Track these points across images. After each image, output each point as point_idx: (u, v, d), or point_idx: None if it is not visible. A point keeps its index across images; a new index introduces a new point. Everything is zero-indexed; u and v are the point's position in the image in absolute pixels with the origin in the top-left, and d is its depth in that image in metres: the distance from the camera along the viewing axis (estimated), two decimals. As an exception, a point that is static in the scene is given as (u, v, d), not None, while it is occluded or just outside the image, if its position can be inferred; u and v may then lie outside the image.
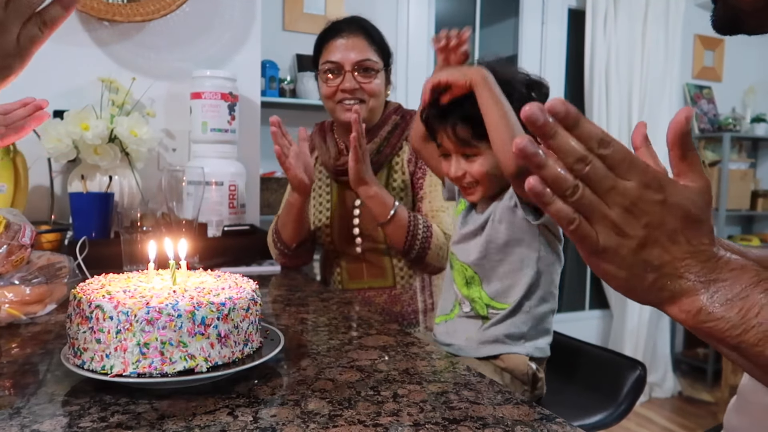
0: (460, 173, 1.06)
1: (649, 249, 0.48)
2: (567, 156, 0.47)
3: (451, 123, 1.03)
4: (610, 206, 0.47)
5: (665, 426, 2.96)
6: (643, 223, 0.47)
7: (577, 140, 0.46)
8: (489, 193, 1.08)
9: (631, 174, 0.47)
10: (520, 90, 1.02)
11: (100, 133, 1.52)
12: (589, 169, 0.47)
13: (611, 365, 1.24)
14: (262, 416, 0.62)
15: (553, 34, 3.25)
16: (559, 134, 0.46)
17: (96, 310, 0.66)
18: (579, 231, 0.48)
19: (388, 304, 1.43)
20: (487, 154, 1.03)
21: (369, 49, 1.42)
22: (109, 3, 1.67)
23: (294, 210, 1.40)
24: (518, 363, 1.06)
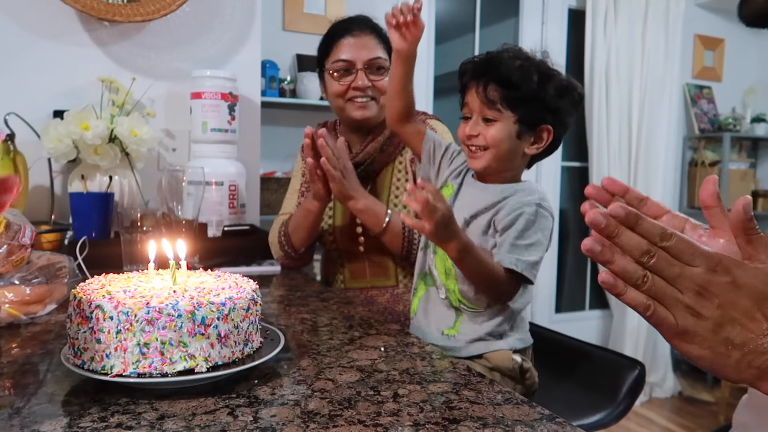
0: (475, 132, 1.06)
1: (728, 328, 0.50)
2: (632, 251, 0.51)
3: (485, 81, 1.04)
4: (682, 291, 0.50)
5: (665, 426, 2.96)
6: (716, 304, 0.50)
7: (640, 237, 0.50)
8: (494, 164, 1.07)
9: (696, 260, 0.50)
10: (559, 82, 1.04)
11: (100, 133, 1.52)
12: (655, 261, 0.50)
13: (610, 365, 1.24)
14: (262, 416, 0.62)
15: (553, 34, 3.25)
16: (622, 232, 0.50)
17: (96, 310, 0.66)
18: (656, 316, 0.51)
19: (391, 304, 1.44)
20: (507, 122, 1.04)
21: (379, 47, 1.42)
22: (109, 3, 1.67)
23: (312, 216, 1.40)
24: (503, 359, 1.06)
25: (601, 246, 0.51)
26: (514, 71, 1.01)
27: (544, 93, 1.02)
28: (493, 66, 1.04)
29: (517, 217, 1.03)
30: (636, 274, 0.51)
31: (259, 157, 1.98)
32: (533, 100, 1.02)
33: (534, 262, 1.01)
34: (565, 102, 1.05)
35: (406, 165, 1.46)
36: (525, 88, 1.01)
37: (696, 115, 3.57)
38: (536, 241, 1.02)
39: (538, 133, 1.06)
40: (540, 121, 1.04)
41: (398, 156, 1.47)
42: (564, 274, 3.46)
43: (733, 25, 3.70)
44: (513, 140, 1.05)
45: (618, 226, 0.50)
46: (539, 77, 1.02)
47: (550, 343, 1.17)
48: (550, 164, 3.33)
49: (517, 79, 1.01)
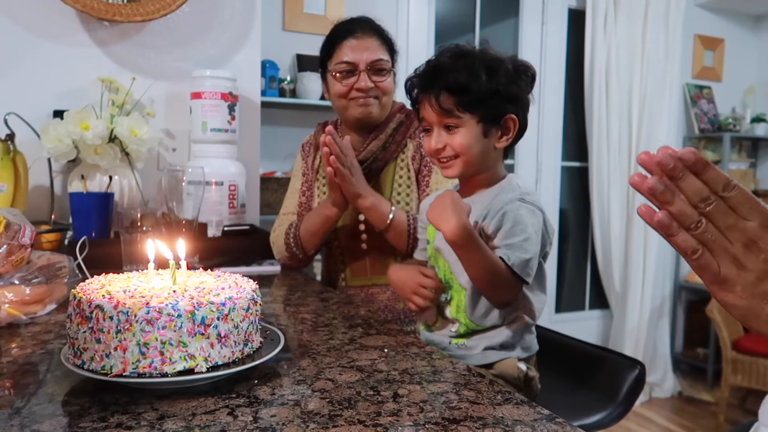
0: (441, 145, 1.04)
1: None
2: (693, 195, 0.52)
3: (435, 92, 1.01)
4: (731, 241, 0.52)
5: (665, 426, 2.96)
6: (762, 259, 0.52)
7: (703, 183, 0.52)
8: (469, 169, 1.05)
9: (753, 215, 0.52)
10: (507, 68, 1.01)
11: (100, 133, 1.52)
12: (713, 208, 0.52)
13: (610, 365, 1.24)
14: (262, 416, 0.62)
15: (553, 34, 3.25)
16: (687, 176, 0.52)
17: (96, 310, 0.66)
18: (702, 260, 0.53)
19: (391, 301, 1.44)
20: (469, 125, 1.02)
21: (381, 48, 1.43)
22: (109, 3, 1.67)
23: (330, 223, 1.41)
24: (508, 367, 1.05)
25: (664, 185, 0.52)
26: (460, 74, 0.99)
27: (497, 84, 0.99)
28: (439, 74, 1.01)
29: (502, 217, 1.00)
30: (692, 217, 0.52)
31: (259, 157, 1.98)
32: (488, 96, 0.99)
33: (527, 259, 0.98)
34: (519, 85, 1.02)
35: (408, 162, 1.47)
36: (476, 88, 0.99)
37: (696, 115, 3.57)
38: (526, 237, 0.99)
39: (503, 125, 1.03)
40: (502, 112, 1.02)
41: (400, 153, 1.48)
42: (564, 274, 3.46)
43: (733, 25, 3.70)
44: (481, 141, 1.02)
45: (684, 169, 0.52)
46: (486, 71, 0.99)
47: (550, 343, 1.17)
48: (550, 164, 3.33)
49: (465, 81, 0.99)
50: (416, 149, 1.47)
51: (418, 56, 2.95)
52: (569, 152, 3.42)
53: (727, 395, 2.82)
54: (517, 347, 1.07)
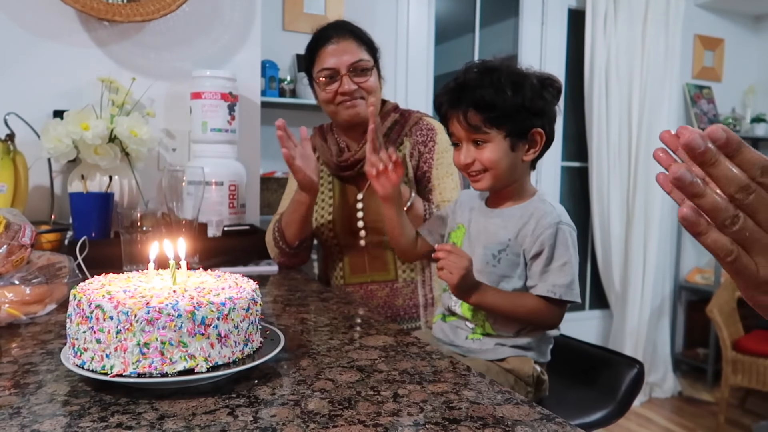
0: (470, 160, 1.06)
1: None
2: (729, 184, 0.43)
3: (463, 109, 1.04)
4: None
5: (665, 426, 2.96)
6: None
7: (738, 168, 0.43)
8: (498, 183, 1.07)
9: None
10: (532, 83, 1.03)
11: (100, 133, 1.52)
12: (753, 198, 0.43)
13: (609, 364, 1.24)
14: (262, 416, 0.62)
15: (553, 34, 3.25)
16: (721, 162, 0.43)
17: (96, 310, 0.66)
18: (737, 263, 0.45)
19: (390, 298, 1.45)
20: (497, 140, 1.04)
21: (359, 49, 1.44)
22: (109, 3, 1.67)
23: (302, 208, 1.42)
24: (523, 365, 1.06)
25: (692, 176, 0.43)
26: (486, 91, 1.01)
27: (522, 100, 1.01)
28: (466, 92, 1.03)
29: (543, 242, 1.03)
30: (727, 212, 0.43)
31: (259, 157, 1.98)
32: (514, 111, 1.01)
33: (569, 282, 1.02)
34: (545, 99, 1.04)
35: (405, 160, 1.47)
36: (502, 104, 1.01)
37: (696, 116, 3.57)
38: (567, 260, 1.03)
39: (530, 139, 1.06)
40: (529, 127, 1.04)
41: (397, 152, 1.49)
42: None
43: (733, 25, 3.70)
44: (509, 155, 1.05)
45: (717, 153, 0.43)
46: (512, 87, 1.01)
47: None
48: (550, 164, 3.33)
49: (491, 98, 1.00)
50: (413, 147, 1.48)
51: (418, 56, 2.96)
52: (569, 152, 3.42)
53: (727, 395, 2.82)
54: (533, 351, 1.08)
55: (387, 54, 1.54)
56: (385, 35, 2.83)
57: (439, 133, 1.48)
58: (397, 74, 2.90)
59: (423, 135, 1.48)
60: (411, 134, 1.49)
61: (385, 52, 1.54)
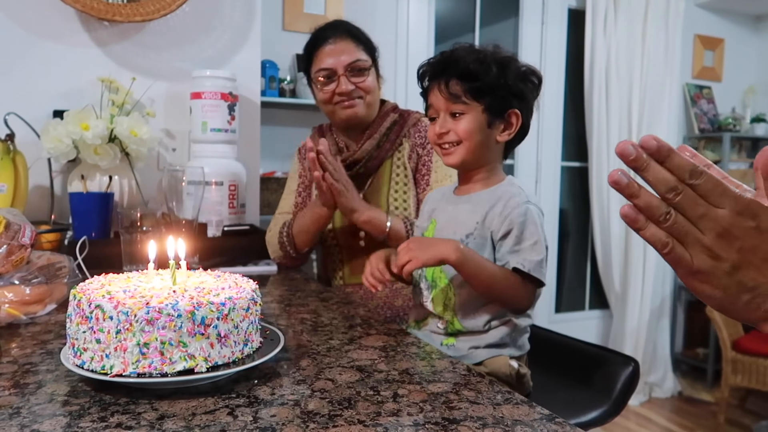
0: (445, 130, 1.06)
1: (744, 271, 0.51)
2: (659, 185, 0.50)
3: (445, 78, 1.05)
4: (703, 231, 0.50)
5: (665, 426, 2.96)
6: (736, 248, 0.50)
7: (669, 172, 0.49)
8: (469, 157, 1.07)
9: (724, 202, 0.49)
10: (517, 66, 1.05)
11: (100, 133, 1.52)
12: (681, 198, 0.49)
13: (605, 363, 1.25)
14: (262, 416, 0.62)
15: (553, 34, 3.25)
16: (651, 166, 0.49)
17: (96, 310, 0.66)
18: (673, 254, 0.51)
19: (390, 299, 1.44)
20: (475, 113, 1.04)
21: (357, 49, 1.44)
22: (109, 3, 1.67)
23: (321, 221, 1.42)
24: (500, 365, 1.06)
25: (628, 178, 0.50)
26: (472, 62, 1.03)
27: (506, 79, 1.03)
28: (451, 62, 1.05)
29: (511, 222, 1.03)
30: (660, 210, 0.50)
31: (259, 157, 1.98)
32: (496, 87, 1.03)
33: (539, 260, 1.01)
34: (527, 85, 1.06)
35: (404, 162, 1.47)
36: (486, 77, 1.02)
37: (696, 115, 3.57)
38: (536, 240, 1.02)
39: (506, 119, 1.06)
40: (507, 106, 1.05)
41: (396, 152, 1.49)
42: (564, 274, 3.46)
43: (733, 25, 3.70)
44: (484, 130, 1.05)
45: (648, 159, 0.49)
46: (497, 65, 1.03)
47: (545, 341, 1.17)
48: (550, 164, 3.33)
49: (476, 69, 1.02)
50: (412, 149, 1.48)
51: (418, 56, 2.95)
52: (569, 152, 3.42)
53: (727, 395, 2.82)
54: (509, 346, 1.08)
55: (387, 54, 1.54)
56: (385, 35, 2.83)
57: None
58: (397, 74, 2.90)
59: (422, 137, 1.48)
60: (410, 135, 1.49)
61: (385, 52, 1.54)
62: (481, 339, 1.07)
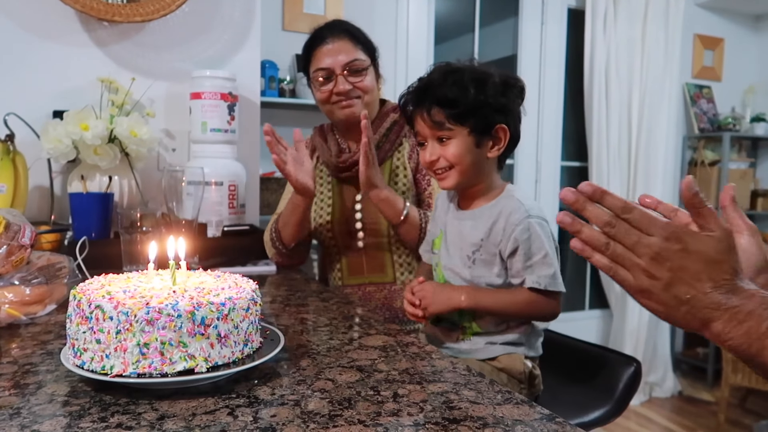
0: (435, 157, 1.07)
1: (677, 287, 0.60)
2: (597, 221, 0.61)
3: (426, 106, 1.05)
4: (639, 256, 0.60)
5: (665, 426, 2.96)
6: (667, 267, 0.59)
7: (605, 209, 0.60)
8: (463, 179, 1.08)
9: (653, 230, 0.59)
10: (495, 81, 1.05)
11: (99, 134, 1.52)
12: (616, 230, 0.60)
13: (607, 363, 1.25)
14: (262, 416, 0.62)
15: (552, 34, 3.25)
16: (588, 206, 0.61)
17: (96, 311, 0.66)
18: (617, 277, 0.62)
19: (388, 300, 1.44)
20: (462, 136, 1.05)
21: (355, 49, 1.44)
22: (108, 3, 1.67)
23: (299, 211, 1.41)
24: (515, 362, 1.07)
25: (571, 218, 0.61)
26: (450, 89, 1.03)
27: (485, 96, 1.03)
28: (429, 90, 1.06)
29: (516, 239, 1.04)
30: (599, 240, 0.61)
31: (258, 157, 1.98)
32: (478, 107, 1.03)
33: (553, 273, 1.04)
34: (508, 97, 1.06)
35: (404, 161, 1.48)
36: (465, 101, 1.02)
37: (696, 115, 3.57)
38: (545, 253, 1.04)
39: (494, 135, 1.06)
40: (492, 123, 1.05)
41: (395, 152, 1.49)
42: (564, 274, 3.44)
43: (733, 24, 3.70)
44: (473, 151, 1.06)
45: (586, 201, 0.60)
46: (475, 84, 1.03)
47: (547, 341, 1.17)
48: (550, 164, 3.33)
49: (454, 95, 1.03)
50: (412, 148, 1.48)
51: (418, 56, 2.95)
52: (569, 152, 3.42)
53: (728, 395, 2.82)
54: (524, 346, 1.09)
55: (387, 54, 1.55)
56: (385, 35, 2.83)
57: None
58: (397, 74, 2.90)
59: None
60: (410, 135, 1.49)
61: (385, 52, 1.54)
62: (498, 336, 1.09)
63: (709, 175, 3.48)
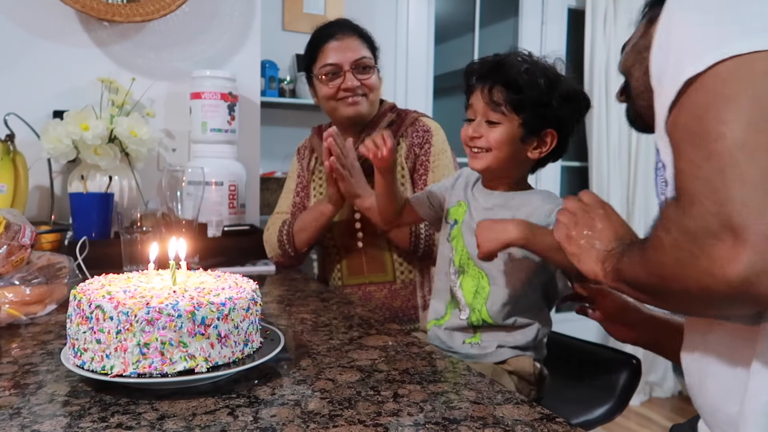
0: (478, 135, 1.05)
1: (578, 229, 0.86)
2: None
3: (490, 83, 1.03)
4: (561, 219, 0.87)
5: (665, 426, 2.96)
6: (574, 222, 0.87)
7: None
8: (495, 166, 1.05)
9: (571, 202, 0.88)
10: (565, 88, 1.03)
11: (100, 134, 1.52)
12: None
13: (606, 361, 1.25)
14: (262, 416, 0.62)
15: (552, 34, 3.25)
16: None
17: (96, 310, 0.66)
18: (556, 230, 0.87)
19: (388, 300, 1.44)
20: (511, 125, 1.03)
21: (362, 47, 1.45)
22: (108, 3, 1.67)
23: (323, 219, 1.42)
24: (525, 365, 1.06)
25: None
26: (520, 74, 1.01)
27: (550, 98, 1.01)
28: (500, 68, 1.03)
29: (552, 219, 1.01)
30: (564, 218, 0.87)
31: (259, 157, 1.98)
32: (538, 104, 1.01)
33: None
34: (571, 108, 1.04)
35: (401, 162, 1.47)
36: (530, 92, 1.00)
37: (696, 115, 3.57)
38: None
39: (541, 137, 1.05)
40: (544, 125, 1.03)
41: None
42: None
43: (732, 24, 3.70)
44: (516, 144, 1.04)
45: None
46: (546, 81, 1.01)
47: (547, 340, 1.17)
48: (550, 164, 3.32)
49: (523, 82, 1.00)
50: (409, 149, 1.48)
51: (418, 56, 2.95)
52: (569, 152, 3.40)
53: (727, 395, 2.82)
54: (531, 350, 1.08)
55: (387, 54, 1.55)
56: (385, 35, 2.83)
57: (435, 134, 1.47)
58: (397, 74, 2.90)
59: (419, 137, 1.47)
60: (407, 135, 1.49)
61: (385, 52, 1.55)
62: (507, 339, 1.06)
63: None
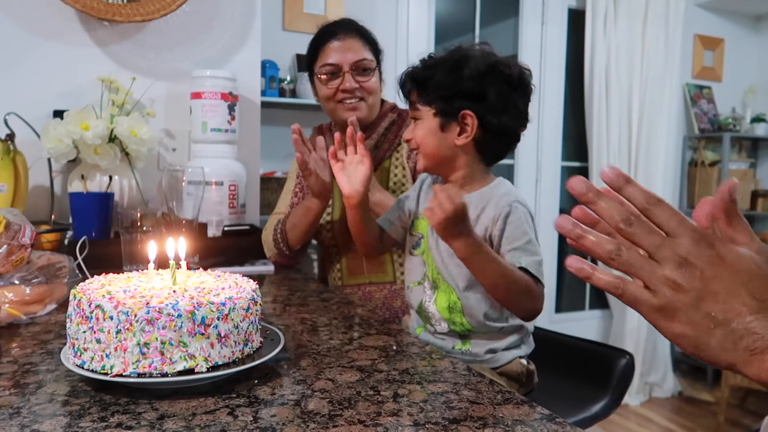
0: (409, 137, 1.08)
1: (710, 303, 0.47)
2: (612, 217, 0.48)
3: (408, 86, 1.07)
4: (661, 263, 0.47)
5: (665, 426, 2.96)
6: (698, 276, 0.47)
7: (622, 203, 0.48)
8: (430, 163, 1.06)
9: (681, 230, 0.47)
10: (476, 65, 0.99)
11: (100, 133, 1.52)
12: (634, 228, 0.48)
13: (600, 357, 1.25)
14: (262, 416, 0.62)
15: (553, 34, 3.25)
16: (602, 198, 0.49)
17: (96, 310, 0.66)
18: (627, 294, 0.49)
19: (388, 300, 1.44)
20: (428, 118, 1.04)
21: (364, 48, 1.44)
22: (109, 3, 1.67)
23: (311, 214, 1.41)
24: (513, 365, 1.06)
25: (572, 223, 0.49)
26: (420, 70, 1.04)
27: (454, 79, 0.99)
28: (411, 72, 1.07)
29: (503, 223, 1.00)
30: (608, 246, 0.49)
31: (259, 157, 1.98)
32: (443, 87, 1.01)
33: (539, 261, 0.98)
34: (483, 83, 0.99)
35: (403, 162, 1.48)
36: (431, 81, 1.02)
37: (696, 115, 3.57)
38: (530, 238, 0.99)
39: (460, 121, 1.01)
40: (458, 108, 1.00)
41: (394, 153, 1.49)
42: (564, 274, 3.46)
43: (733, 25, 3.70)
44: (437, 134, 1.03)
45: (598, 193, 0.49)
46: (448, 66, 1.01)
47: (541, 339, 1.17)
48: (550, 164, 3.33)
49: (422, 74, 1.03)
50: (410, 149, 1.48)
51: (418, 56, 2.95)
52: (569, 152, 3.42)
53: (728, 395, 2.82)
54: (522, 346, 1.08)
55: (387, 54, 1.54)
56: (385, 35, 2.81)
57: None
58: (397, 74, 2.90)
59: None
60: None
61: (385, 52, 1.54)
62: (495, 341, 1.06)
63: (709, 176, 3.48)
